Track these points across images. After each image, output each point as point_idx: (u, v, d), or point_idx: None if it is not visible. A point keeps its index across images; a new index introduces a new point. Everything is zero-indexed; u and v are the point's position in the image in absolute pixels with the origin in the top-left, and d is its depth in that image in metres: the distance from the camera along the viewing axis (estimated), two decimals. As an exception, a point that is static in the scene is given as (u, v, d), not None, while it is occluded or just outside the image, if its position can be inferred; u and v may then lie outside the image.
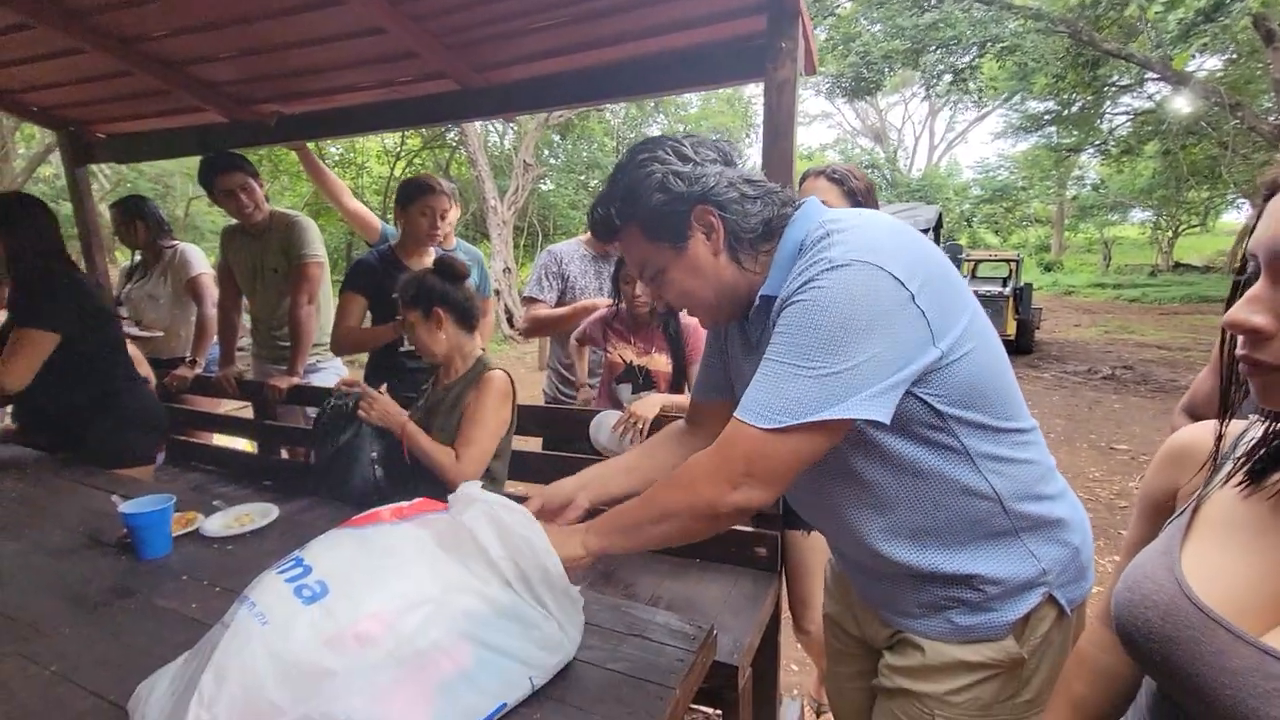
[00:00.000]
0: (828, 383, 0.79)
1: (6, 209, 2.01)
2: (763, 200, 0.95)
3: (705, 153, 0.95)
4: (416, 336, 1.81)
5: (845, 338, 0.79)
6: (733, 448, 0.84)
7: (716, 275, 0.97)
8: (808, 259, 0.86)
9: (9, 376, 1.92)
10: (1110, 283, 20.74)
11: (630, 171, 0.96)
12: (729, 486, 0.84)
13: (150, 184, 12.37)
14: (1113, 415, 6.46)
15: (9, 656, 1.07)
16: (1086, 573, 1.00)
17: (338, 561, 0.89)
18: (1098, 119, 14.98)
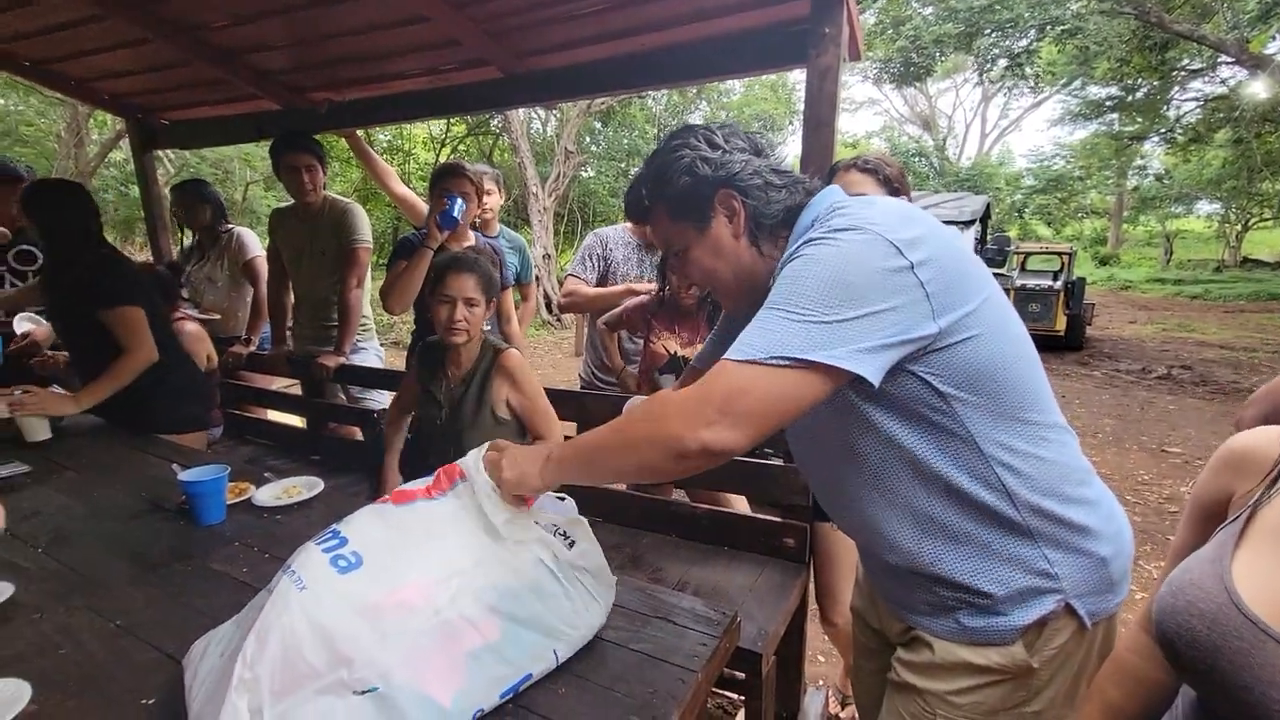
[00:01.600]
0: (817, 330, 0.78)
1: (54, 196, 2.12)
2: (787, 190, 0.98)
3: (735, 142, 0.99)
4: (476, 319, 1.80)
5: (839, 292, 0.79)
6: (712, 382, 0.81)
7: (736, 257, 1.00)
8: (814, 231, 0.89)
9: (141, 351, 2.09)
10: (1171, 278, 19.74)
11: (662, 155, 1.00)
12: (701, 423, 0.79)
13: (211, 169, 12.85)
14: (1166, 417, 6.19)
15: (80, 610, 1.16)
16: (1117, 587, 0.95)
17: (373, 535, 0.93)
18: (1164, 105, 14.22)
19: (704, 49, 1.99)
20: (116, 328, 2.08)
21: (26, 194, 2.12)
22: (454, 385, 1.90)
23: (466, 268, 1.80)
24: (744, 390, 0.79)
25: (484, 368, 1.87)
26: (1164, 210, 23.08)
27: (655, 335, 2.21)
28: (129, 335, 2.08)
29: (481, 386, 1.85)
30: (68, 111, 11.34)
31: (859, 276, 0.80)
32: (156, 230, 3.35)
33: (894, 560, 0.99)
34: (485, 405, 1.84)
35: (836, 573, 1.90)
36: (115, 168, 13.04)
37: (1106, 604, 0.94)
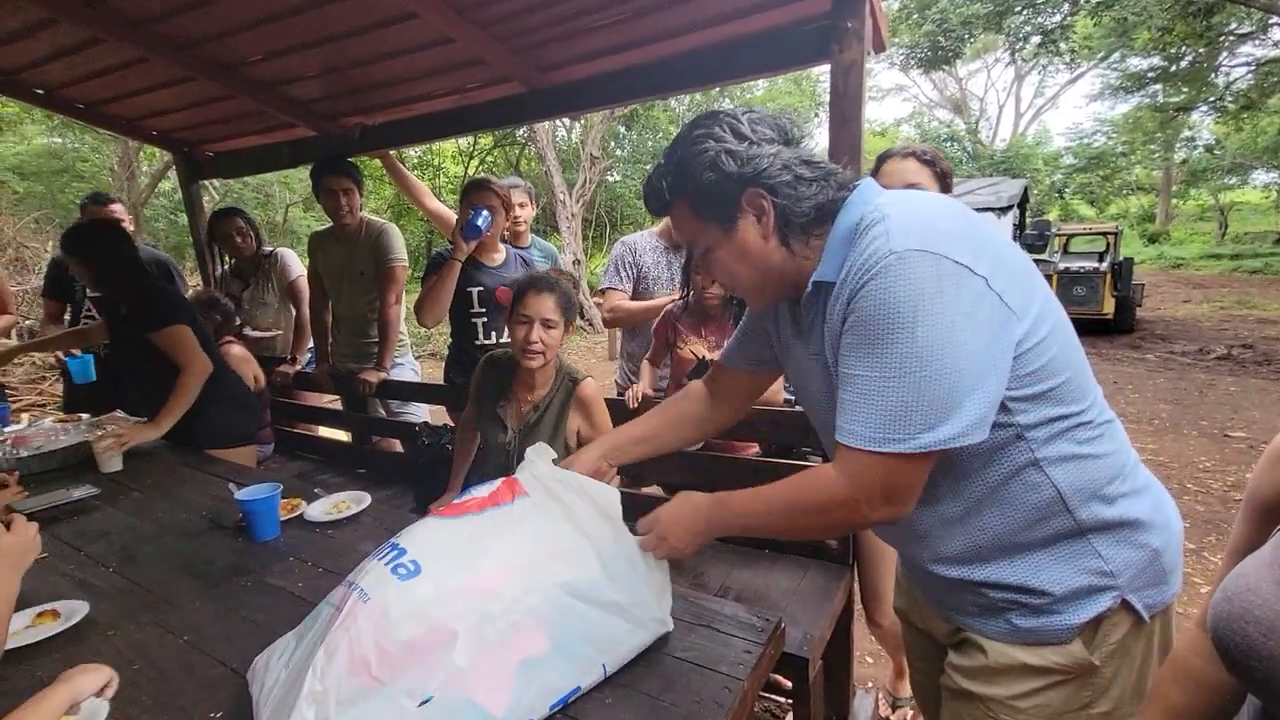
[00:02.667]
0: (926, 387, 0.77)
1: (92, 237, 2.23)
2: (819, 183, 0.91)
3: (763, 131, 0.92)
4: (551, 340, 1.73)
5: (925, 334, 0.76)
6: (863, 476, 0.83)
7: (764, 259, 0.95)
8: (865, 246, 0.83)
9: (196, 364, 2.20)
10: (1227, 253, 18.79)
11: (685, 146, 0.93)
12: (868, 512, 0.85)
13: (253, 193, 13.36)
14: (1228, 399, 5.90)
15: (148, 625, 1.22)
16: (1169, 577, 0.93)
17: (429, 544, 0.97)
18: (1212, 73, 13.58)
19: (725, 51, 1.99)
20: (169, 347, 2.19)
21: (65, 241, 2.25)
22: (524, 409, 1.83)
23: (546, 287, 1.74)
24: (896, 483, 0.83)
25: (560, 397, 1.80)
26: (1216, 182, 21.99)
27: (682, 340, 2.21)
28: (181, 352, 2.19)
29: (558, 417, 1.79)
30: (119, 147, 11.92)
31: (941, 311, 0.77)
32: (204, 256, 3.50)
33: (940, 570, 0.97)
34: (559, 437, 1.78)
35: (881, 573, 1.87)
36: (164, 197, 13.66)
37: (1162, 595, 0.92)
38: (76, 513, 1.78)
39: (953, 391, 0.77)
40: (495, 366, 1.91)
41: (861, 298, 0.81)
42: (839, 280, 0.87)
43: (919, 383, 0.77)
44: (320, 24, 2.11)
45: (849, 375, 0.83)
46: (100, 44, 2.29)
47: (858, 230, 0.87)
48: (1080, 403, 0.88)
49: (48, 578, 1.42)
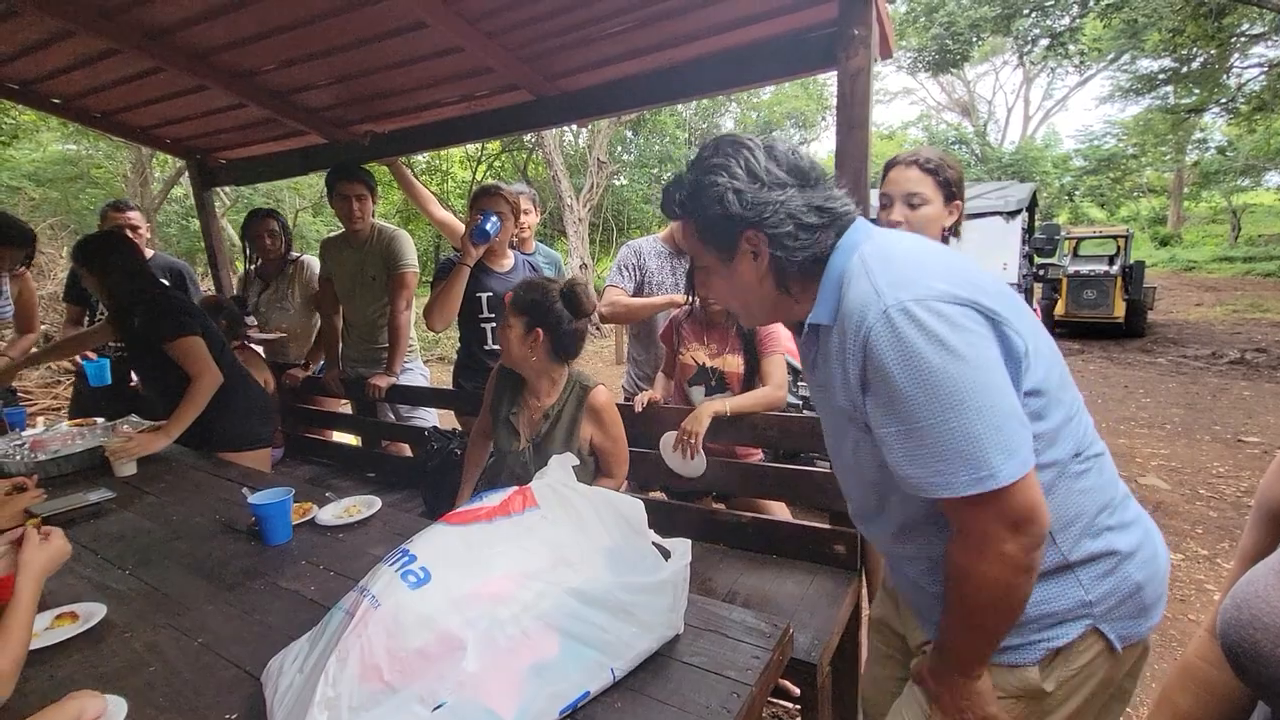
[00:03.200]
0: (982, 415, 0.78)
1: (100, 250, 2.26)
2: (822, 231, 0.92)
3: (777, 174, 0.92)
4: (507, 339, 1.77)
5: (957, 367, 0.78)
6: (979, 523, 0.82)
7: (758, 295, 0.98)
8: (858, 298, 0.85)
9: (207, 375, 2.23)
10: (1240, 256, 18.60)
11: (699, 173, 0.95)
12: (1008, 548, 0.81)
13: (263, 198, 13.48)
14: (1241, 403, 5.84)
15: (164, 628, 1.24)
16: (1149, 611, 0.93)
17: (440, 551, 0.98)
18: (1224, 74, 13.46)
19: (732, 59, 2.00)
20: (180, 357, 2.22)
21: (74, 254, 2.29)
22: (536, 417, 1.84)
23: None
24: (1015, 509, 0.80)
25: (572, 405, 1.81)
26: (1229, 184, 21.78)
27: (684, 347, 2.22)
28: (192, 362, 2.23)
29: (571, 425, 1.80)
30: (133, 153, 12.08)
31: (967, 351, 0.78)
32: (217, 261, 3.54)
33: (933, 590, 0.98)
34: (574, 444, 1.79)
35: (890, 579, 1.87)
36: (176, 203, 13.81)
37: (1138, 628, 0.93)
38: (93, 516, 1.81)
39: (1006, 414, 0.79)
40: (509, 374, 1.92)
41: (878, 356, 0.82)
42: (833, 324, 0.90)
43: (978, 409, 0.78)
44: (332, 34, 2.14)
45: (904, 433, 0.82)
46: (117, 54, 2.33)
47: (844, 277, 0.89)
48: (1068, 442, 0.89)
49: (65, 580, 1.44)
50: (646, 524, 1.16)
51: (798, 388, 4.11)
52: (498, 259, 2.53)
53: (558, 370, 1.83)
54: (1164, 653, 2.46)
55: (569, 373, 1.86)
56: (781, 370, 2.09)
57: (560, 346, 1.77)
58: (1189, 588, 2.90)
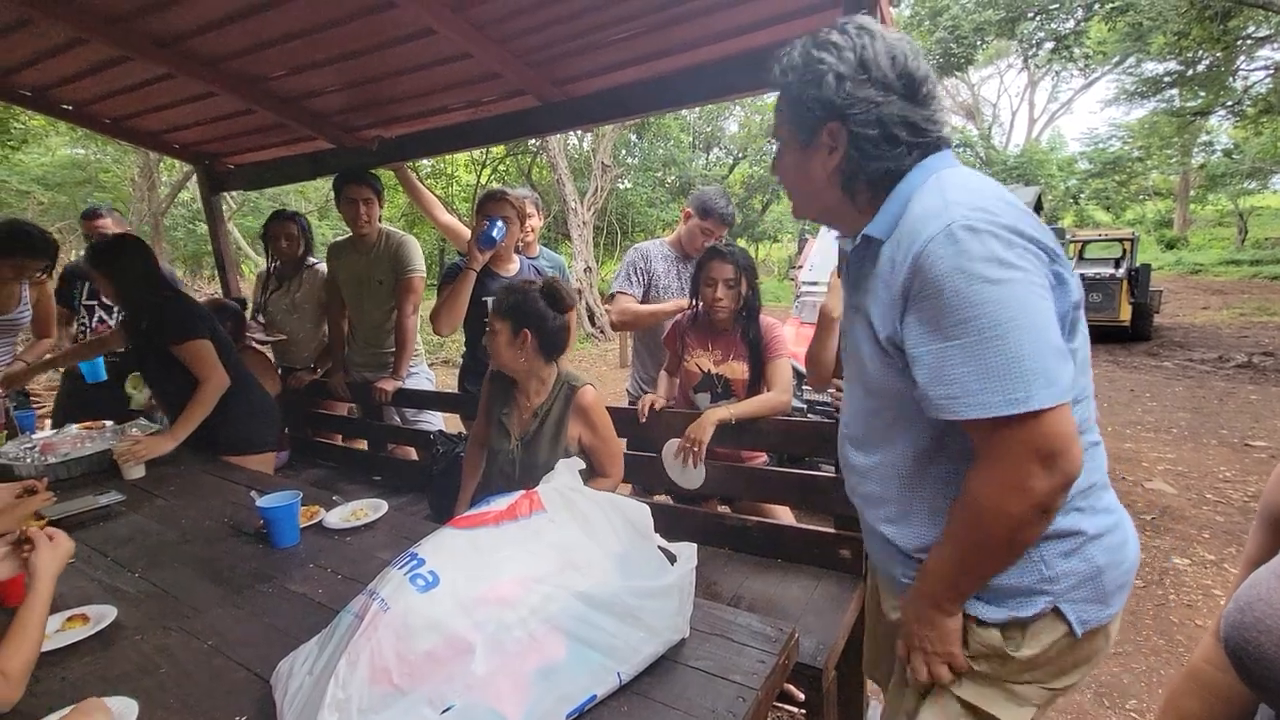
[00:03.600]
0: (1024, 333, 0.77)
1: (111, 253, 2.28)
2: (906, 148, 0.90)
3: (888, 74, 0.88)
4: (495, 344, 1.78)
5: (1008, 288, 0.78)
6: (1010, 447, 0.80)
7: (820, 193, 0.97)
8: (927, 213, 0.84)
9: (214, 381, 2.25)
10: (1247, 259, 18.50)
11: (811, 48, 0.91)
12: (1034, 483, 0.80)
13: (269, 203, 13.56)
14: (1248, 408, 5.81)
15: (175, 631, 1.25)
16: (1109, 599, 0.94)
17: (448, 555, 0.99)
18: (1229, 77, 13.41)
19: (737, 64, 2.01)
20: (187, 360, 2.24)
21: (88, 257, 2.31)
22: (525, 416, 1.86)
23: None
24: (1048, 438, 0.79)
25: (560, 404, 1.83)
26: (1236, 187, 21.69)
27: (689, 353, 2.21)
28: (200, 365, 2.25)
29: (558, 425, 1.82)
30: (140, 158, 12.16)
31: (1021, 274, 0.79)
32: (225, 266, 3.56)
33: (903, 543, 1.00)
34: (560, 443, 1.81)
35: (895, 584, 1.87)
36: (183, 206, 13.90)
37: (1099, 615, 0.93)
38: (103, 519, 1.82)
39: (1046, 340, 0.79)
40: (500, 377, 1.94)
41: (934, 267, 0.81)
42: (888, 239, 0.89)
43: (1025, 332, 0.77)
44: (341, 40, 2.16)
45: (942, 349, 0.81)
46: (127, 61, 2.36)
47: (914, 197, 0.88)
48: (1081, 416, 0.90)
49: (76, 582, 1.45)
50: (653, 528, 1.17)
51: (802, 391, 4.11)
52: (503, 263, 2.54)
53: (547, 370, 1.85)
54: (1170, 659, 2.45)
55: (558, 372, 1.88)
56: (787, 374, 2.09)
57: (548, 344, 1.79)
58: (1195, 593, 2.88)
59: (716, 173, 17.62)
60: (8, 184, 11.39)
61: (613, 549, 1.06)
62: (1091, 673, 1.05)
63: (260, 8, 1.99)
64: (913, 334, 0.84)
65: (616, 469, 1.90)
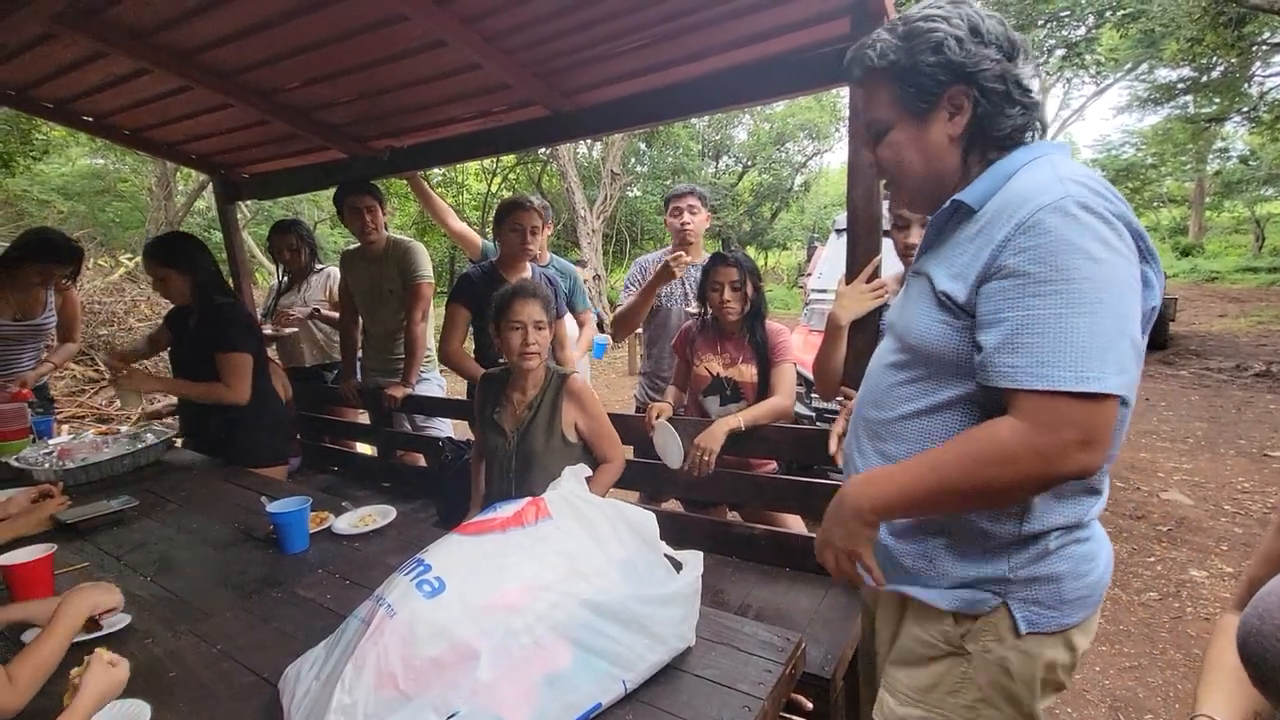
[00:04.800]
0: (1104, 317, 0.77)
1: (186, 247, 2.35)
2: (1024, 108, 0.91)
3: (995, 35, 0.90)
4: (543, 339, 1.86)
5: (1103, 269, 0.78)
6: (1057, 417, 0.78)
7: (940, 158, 0.95)
8: (1034, 188, 0.83)
9: (238, 394, 2.30)
10: (1264, 266, 18.24)
11: (915, 22, 0.91)
12: (1059, 458, 0.79)
13: (283, 211, 13.73)
14: (1267, 417, 5.72)
15: (185, 634, 1.27)
16: (1064, 606, 0.93)
17: (454, 561, 0.99)
18: (1245, 83, 13.29)
19: (745, 74, 2.02)
20: (224, 368, 2.28)
21: (156, 249, 2.36)
22: (519, 411, 1.92)
23: (530, 293, 1.87)
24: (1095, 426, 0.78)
25: (551, 393, 1.90)
26: (1253, 193, 21.44)
27: (698, 357, 2.22)
28: (231, 376, 2.29)
29: (551, 411, 1.89)
30: (158, 167, 12.35)
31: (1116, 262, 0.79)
32: (239, 274, 3.60)
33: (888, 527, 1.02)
34: (555, 430, 1.87)
35: (904, 594, 1.85)
36: (198, 215, 14.10)
37: (1053, 619, 0.93)
38: (116, 523, 1.85)
39: (1125, 327, 0.79)
40: (491, 381, 2.02)
41: (1038, 229, 0.80)
42: (978, 210, 0.89)
43: (1101, 312, 0.77)
44: (354, 52, 2.19)
45: (1026, 316, 0.79)
46: (146, 74, 2.40)
47: (1024, 169, 0.88)
48: None
49: (90, 586, 1.47)
50: (658, 536, 1.17)
51: (810, 399, 4.09)
52: (516, 272, 2.57)
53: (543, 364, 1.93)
54: (1187, 673, 2.41)
55: (547, 365, 1.94)
56: (790, 379, 2.10)
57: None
58: (1213, 606, 2.83)
59: (725, 180, 17.64)
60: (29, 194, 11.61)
61: (619, 556, 1.06)
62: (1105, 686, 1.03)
63: (275, 21, 2.03)
64: (995, 298, 0.82)
65: (617, 451, 1.96)
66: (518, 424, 1.90)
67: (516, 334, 1.83)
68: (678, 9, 1.84)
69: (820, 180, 20.39)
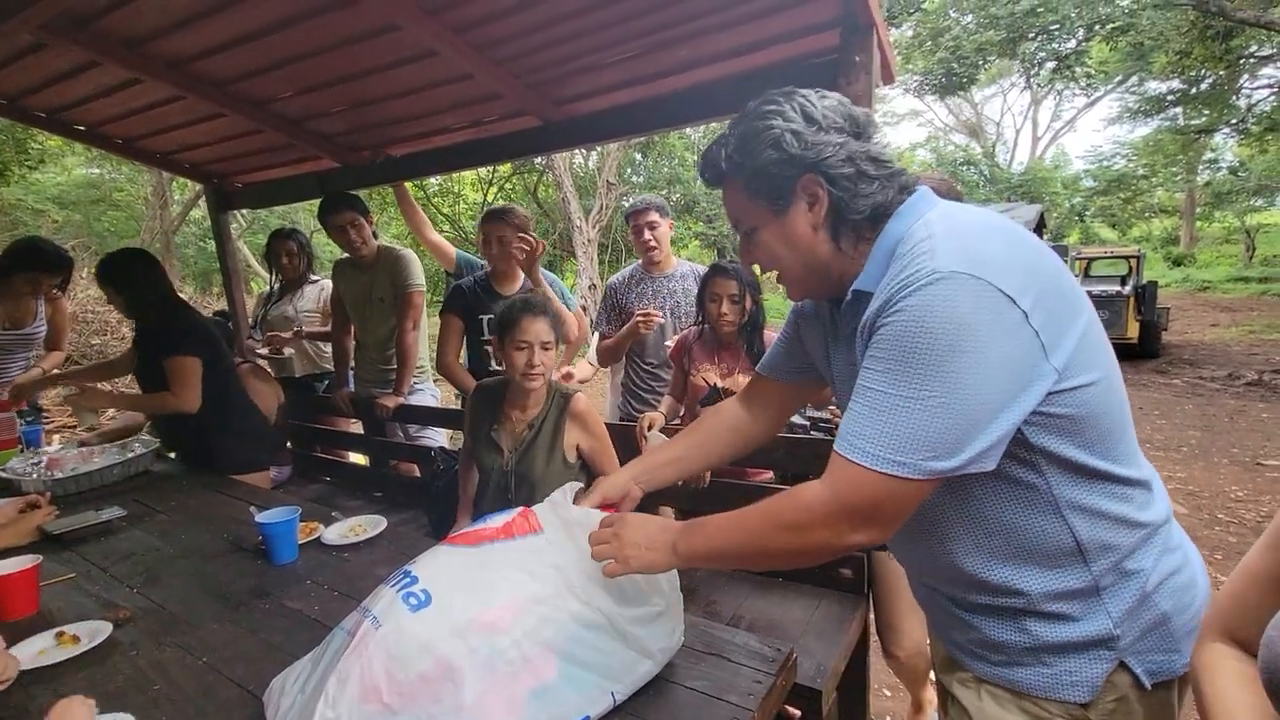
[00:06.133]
0: (944, 420, 0.74)
1: (122, 267, 2.31)
2: (881, 182, 0.88)
3: (833, 119, 0.88)
4: (548, 359, 1.79)
5: (955, 361, 0.74)
6: (854, 493, 0.79)
7: (810, 249, 0.92)
8: (908, 260, 0.80)
9: (184, 401, 2.28)
10: (1255, 276, 18.43)
11: (750, 120, 0.90)
12: (848, 529, 0.81)
13: (279, 220, 13.73)
14: (1260, 426, 5.74)
15: (170, 646, 1.25)
16: (1180, 644, 0.87)
17: (441, 573, 0.98)
18: (1233, 95, 13.46)
19: (736, 84, 2.03)
20: (169, 373, 2.27)
21: (101, 267, 2.34)
22: (518, 429, 1.86)
23: (539, 310, 1.78)
24: (892, 500, 0.79)
25: (554, 413, 1.84)
26: (1242, 204, 21.66)
27: (695, 368, 2.22)
28: (176, 382, 2.27)
29: (553, 433, 1.83)
30: (153, 177, 12.37)
31: (973, 340, 0.74)
32: (231, 282, 3.60)
33: (951, 595, 0.95)
34: (556, 452, 1.81)
35: (897, 603, 1.85)
36: (194, 224, 14.10)
37: (1170, 664, 0.86)
38: (103, 534, 1.83)
39: (973, 424, 0.75)
40: (486, 393, 1.93)
41: (896, 311, 0.78)
42: (876, 291, 0.84)
43: (941, 411, 0.74)
44: (346, 62, 2.20)
45: (866, 388, 0.80)
46: (139, 83, 2.41)
47: (901, 242, 0.85)
48: (1110, 458, 0.84)
49: (74, 598, 1.45)
50: None
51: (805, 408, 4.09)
52: (506, 283, 2.57)
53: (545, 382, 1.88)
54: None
55: (550, 383, 1.89)
56: None
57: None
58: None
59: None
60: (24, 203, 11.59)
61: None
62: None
63: (268, 31, 2.04)
64: (866, 370, 0.82)
65: (615, 468, 1.90)
66: (516, 443, 1.84)
67: (522, 354, 1.75)
68: (667, 20, 1.85)
69: (815, 190, 20.46)
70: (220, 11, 1.95)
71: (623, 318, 2.63)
